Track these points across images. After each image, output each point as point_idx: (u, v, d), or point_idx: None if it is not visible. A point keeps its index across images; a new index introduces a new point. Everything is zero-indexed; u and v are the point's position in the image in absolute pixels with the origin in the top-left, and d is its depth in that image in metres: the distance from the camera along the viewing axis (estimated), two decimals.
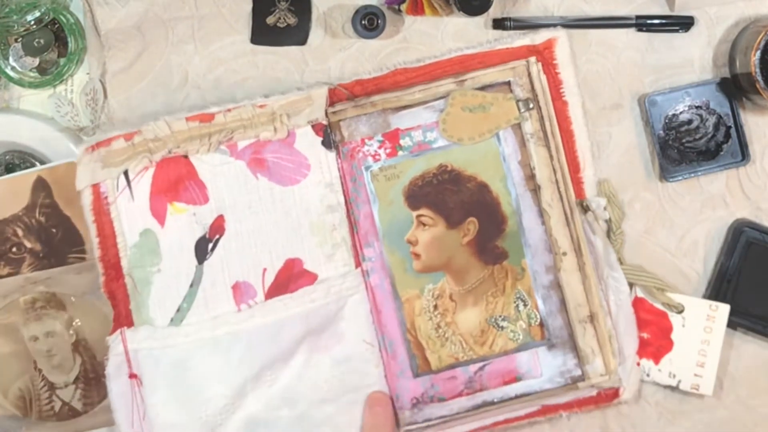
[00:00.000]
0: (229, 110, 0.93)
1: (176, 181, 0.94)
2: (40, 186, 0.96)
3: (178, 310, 0.93)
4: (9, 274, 0.97)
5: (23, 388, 0.98)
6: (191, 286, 0.93)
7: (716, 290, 0.94)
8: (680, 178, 0.95)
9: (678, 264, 0.96)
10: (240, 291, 0.93)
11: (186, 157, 0.94)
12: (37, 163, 0.98)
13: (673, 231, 0.96)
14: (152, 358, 0.92)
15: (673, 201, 0.96)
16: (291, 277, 0.93)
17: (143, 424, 0.92)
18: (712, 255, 0.96)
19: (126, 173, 0.93)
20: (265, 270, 0.93)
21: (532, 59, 0.94)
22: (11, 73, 0.99)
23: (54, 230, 0.96)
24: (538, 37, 0.95)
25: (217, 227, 0.94)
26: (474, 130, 0.94)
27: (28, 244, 0.97)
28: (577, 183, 0.95)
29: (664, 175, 0.95)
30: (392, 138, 0.95)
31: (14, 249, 0.97)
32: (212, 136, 0.93)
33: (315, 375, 0.92)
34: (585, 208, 0.94)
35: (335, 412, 0.92)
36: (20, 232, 0.97)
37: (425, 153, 0.95)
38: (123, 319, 0.93)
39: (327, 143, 0.94)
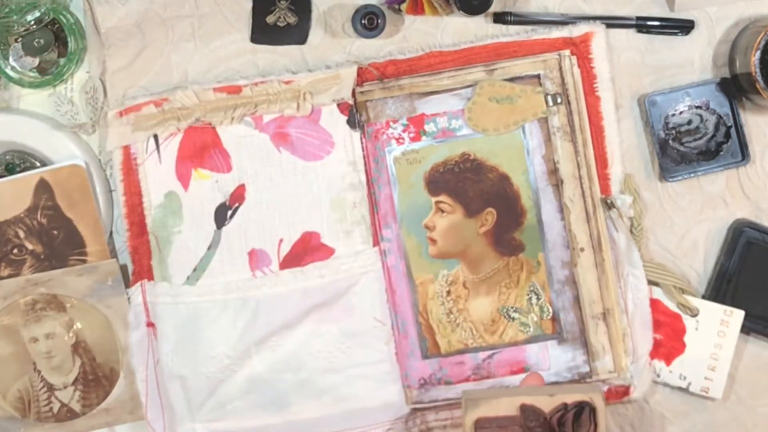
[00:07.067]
0: (256, 84, 0.95)
1: (202, 149, 0.96)
2: (42, 188, 0.95)
3: (194, 270, 0.96)
4: (10, 276, 0.96)
5: (22, 389, 0.97)
6: (209, 248, 0.96)
7: (716, 290, 0.95)
8: (680, 178, 0.96)
9: (678, 264, 0.96)
10: (256, 258, 0.95)
11: (212, 126, 0.96)
12: (37, 163, 0.97)
13: (673, 231, 0.97)
14: (167, 311, 0.95)
15: (673, 201, 0.97)
16: (307, 250, 0.95)
17: (156, 370, 0.96)
18: (712, 255, 0.97)
19: (156, 137, 0.96)
20: (281, 240, 0.95)
21: (565, 53, 0.95)
22: (11, 73, 0.98)
23: (55, 232, 0.96)
24: (576, 30, 0.95)
25: (238, 196, 0.96)
26: (500, 121, 0.95)
27: (30, 246, 0.96)
28: (604, 179, 0.95)
29: (664, 175, 0.95)
30: (417, 123, 0.96)
31: (15, 250, 0.96)
32: (237, 109, 0.95)
33: (321, 345, 0.95)
34: (609, 205, 0.94)
35: (339, 383, 0.95)
36: (22, 234, 0.96)
37: (449, 140, 0.96)
38: (144, 272, 0.97)
39: (351, 122, 0.95)
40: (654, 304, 0.95)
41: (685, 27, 0.96)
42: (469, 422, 0.73)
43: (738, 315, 0.93)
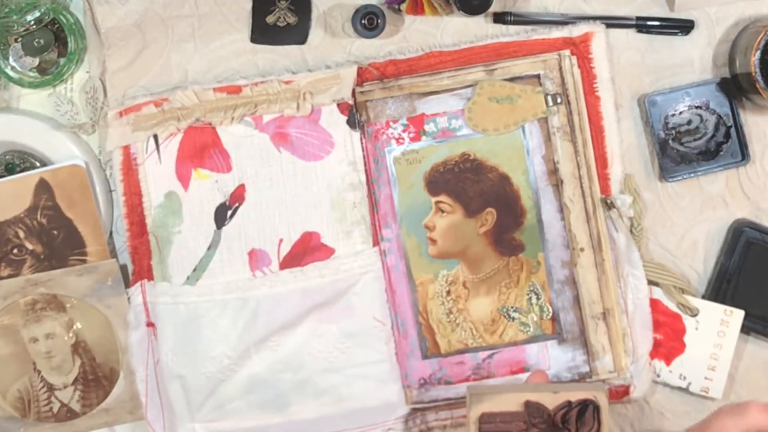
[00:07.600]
0: (256, 84, 0.96)
1: (202, 149, 0.96)
2: (42, 188, 0.95)
3: (194, 270, 0.96)
4: (10, 276, 0.96)
5: (22, 389, 0.97)
6: (209, 248, 0.96)
7: (716, 290, 0.95)
8: (680, 178, 0.95)
9: (678, 264, 0.96)
10: (256, 258, 0.96)
11: (212, 126, 0.96)
12: (37, 163, 0.97)
13: (673, 231, 0.97)
14: (167, 311, 0.96)
15: (673, 201, 0.97)
16: (307, 250, 0.95)
17: (156, 370, 0.96)
18: (712, 255, 0.97)
19: (155, 137, 0.96)
20: (281, 240, 0.96)
21: (565, 52, 0.95)
22: (11, 73, 0.98)
23: (55, 232, 0.96)
24: (576, 30, 0.95)
25: (238, 196, 0.96)
26: (499, 121, 0.95)
27: (30, 246, 0.96)
28: (604, 179, 0.95)
29: (664, 175, 0.95)
30: (417, 123, 0.96)
31: (15, 250, 0.96)
32: (237, 109, 0.95)
33: (320, 345, 0.95)
34: (609, 205, 0.94)
35: (339, 383, 0.95)
36: (21, 234, 0.96)
37: (449, 140, 0.96)
38: (144, 273, 0.97)
39: (351, 122, 0.96)
40: (654, 303, 0.95)
41: (685, 27, 0.96)
42: (474, 417, 0.74)
43: (738, 315, 0.93)
